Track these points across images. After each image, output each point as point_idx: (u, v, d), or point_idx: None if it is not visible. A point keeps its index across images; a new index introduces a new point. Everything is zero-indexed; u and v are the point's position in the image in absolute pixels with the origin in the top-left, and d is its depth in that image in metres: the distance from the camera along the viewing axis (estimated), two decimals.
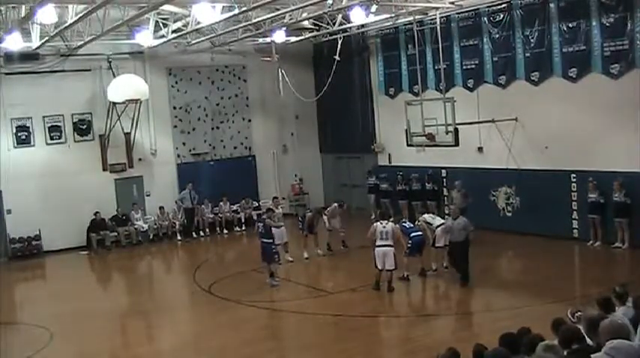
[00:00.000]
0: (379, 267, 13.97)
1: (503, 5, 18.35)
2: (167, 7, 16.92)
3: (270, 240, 15.50)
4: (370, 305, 13.57)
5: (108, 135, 21.47)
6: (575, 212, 17.36)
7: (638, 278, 12.92)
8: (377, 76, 23.29)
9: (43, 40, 17.63)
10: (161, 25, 18.93)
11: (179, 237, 22.27)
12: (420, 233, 15.02)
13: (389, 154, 23.19)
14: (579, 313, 7.25)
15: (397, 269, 14.13)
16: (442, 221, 15.60)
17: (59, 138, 21.32)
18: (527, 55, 17.97)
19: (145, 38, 19.37)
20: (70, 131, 21.47)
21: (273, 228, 15.82)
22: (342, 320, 12.65)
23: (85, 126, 21.69)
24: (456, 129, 17.00)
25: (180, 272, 19.44)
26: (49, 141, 21.19)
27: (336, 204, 18.51)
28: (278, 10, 17.50)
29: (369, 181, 23.00)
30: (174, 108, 23.27)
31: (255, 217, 23.25)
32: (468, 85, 19.77)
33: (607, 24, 15.92)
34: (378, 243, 14.02)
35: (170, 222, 22.43)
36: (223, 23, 18.08)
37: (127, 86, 20.52)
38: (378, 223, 14.26)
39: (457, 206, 18.52)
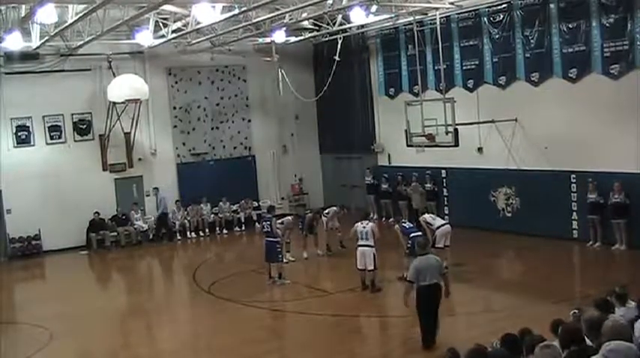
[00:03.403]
0: (360, 267, 14.09)
1: (503, 6, 18.35)
2: (167, 7, 16.91)
3: (276, 239, 15.55)
4: (370, 305, 13.59)
5: (108, 134, 21.47)
6: (574, 213, 17.34)
7: (638, 279, 12.92)
8: (377, 76, 23.30)
9: (43, 40, 17.63)
10: (161, 25, 18.94)
11: (179, 237, 22.29)
12: (420, 233, 15.01)
13: (388, 154, 23.20)
14: (575, 311, 7.27)
15: (377, 270, 14.09)
16: (443, 221, 15.62)
17: (59, 138, 21.33)
18: (527, 55, 17.97)
19: (145, 38, 19.37)
20: (70, 131, 21.49)
21: (277, 227, 15.89)
22: (341, 320, 12.66)
23: (85, 126, 21.70)
24: (456, 130, 17.02)
25: (180, 272, 19.42)
26: (49, 141, 21.20)
27: (335, 208, 18.59)
28: (278, 10, 17.50)
29: (367, 180, 23.04)
30: (174, 108, 23.29)
31: (254, 217, 23.41)
32: (468, 85, 19.77)
33: (607, 24, 15.92)
34: (359, 242, 14.18)
35: (170, 222, 22.43)
36: (223, 23, 18.08)
37: (126, 86, 20.52)
38: (359, 223, 14.38)
39: (419, 208, 18.62)
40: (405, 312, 12.29)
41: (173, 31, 19.14)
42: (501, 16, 18.51)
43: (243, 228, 23.16)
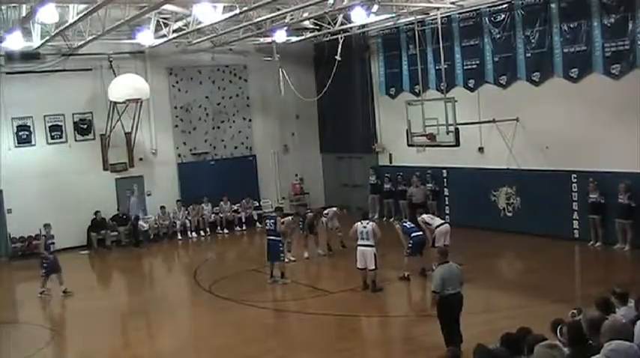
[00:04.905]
0: (360, 267, 14.08)
1: (504, 5, 18.33)
2: (168, 7, 16.91)
3: (279, 238, 15.54)
4: (370, 305, 13.58)
5: (109, 134, 21.47)
6: (575, 212, 17.34)
7: (639, 279, 12.90)
8: (378, 75, 23.29)
9: (44, 40, 17.63)
10: (162, 24, 18.93)
11: (179, 237, 22.30)
12: (420, 233, 15.03)
13: (390, 154, 23.19)
14: (574, 311, 7.27)
15: (378, 270, 14.06)
16: (441, 221, 15.61)
17: (60, 138, 21.34)
18: (528, 55, 17.96)
19: (145, 38, 19.37)
20: (71, 130, 21.50)
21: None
22: (342, 319, 12.66)
23: (85, 126, 21.70)
24: (457, 130, 17.01)
25: (181, 271, 19.45)
26: (50, 141, 21.21)
27: (335, 209, 18.63)
28: (279, 9, 17.51)
29: (371, 180, 23.02)
30: (175, 107, 23.28)
31: (255, 217, 23.41)
32: (469, 85, 19.77)
33: (608, 24, 15.91)
34: (359, 242, 14.16)
35: (171, 221, 22.44)
36: (224, 23, 18.07)
37: (127, 86, 20.52)
38: (359, 223, 14.35)
39: (418, 201, 18.71)
40: (406, 312, 12.35)
41: (174, 31, 19.13)
42: (502, 16, 18.49)
43: (244, 227, 23.16)
